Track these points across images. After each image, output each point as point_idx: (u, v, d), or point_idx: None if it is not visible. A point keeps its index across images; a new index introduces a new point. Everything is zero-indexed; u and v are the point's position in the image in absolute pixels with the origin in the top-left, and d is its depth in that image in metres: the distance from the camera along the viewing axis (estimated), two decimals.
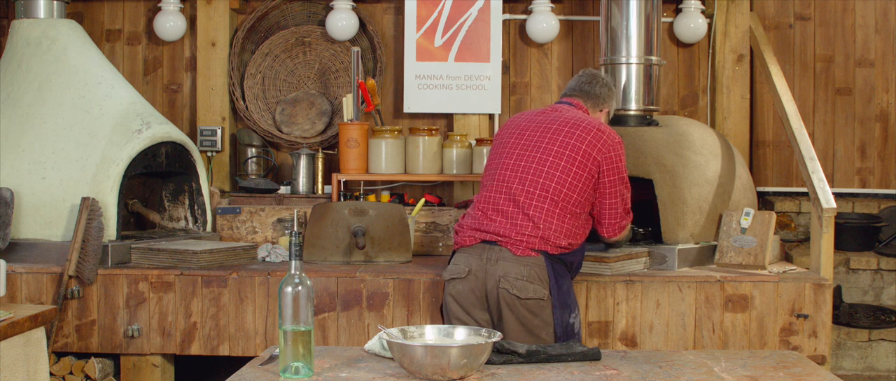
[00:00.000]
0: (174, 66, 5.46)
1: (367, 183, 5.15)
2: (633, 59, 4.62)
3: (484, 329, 2.58)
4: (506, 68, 5.36)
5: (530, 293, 3.39)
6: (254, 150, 5.26)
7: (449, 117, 5.29)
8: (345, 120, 4.94)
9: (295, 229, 4.71)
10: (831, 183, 5.27)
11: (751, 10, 5.24)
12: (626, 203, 3.62)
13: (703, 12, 5.25)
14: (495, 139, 3.71)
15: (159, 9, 5.29)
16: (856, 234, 5.26)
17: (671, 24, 5.30)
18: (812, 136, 5.33)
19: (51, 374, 4.00)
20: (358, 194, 5.00)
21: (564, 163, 3.46)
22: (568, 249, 3.49)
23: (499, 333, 2.53)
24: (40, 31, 4.64)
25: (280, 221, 4.75)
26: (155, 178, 4.81)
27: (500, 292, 3.40)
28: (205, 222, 4.77)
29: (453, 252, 3.61)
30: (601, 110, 3.79)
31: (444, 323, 3.54)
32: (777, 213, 5.01)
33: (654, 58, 4.64)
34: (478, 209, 3.55)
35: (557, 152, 3.48)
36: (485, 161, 4.94)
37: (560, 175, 3.45)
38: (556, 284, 3.44)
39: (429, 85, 5.17)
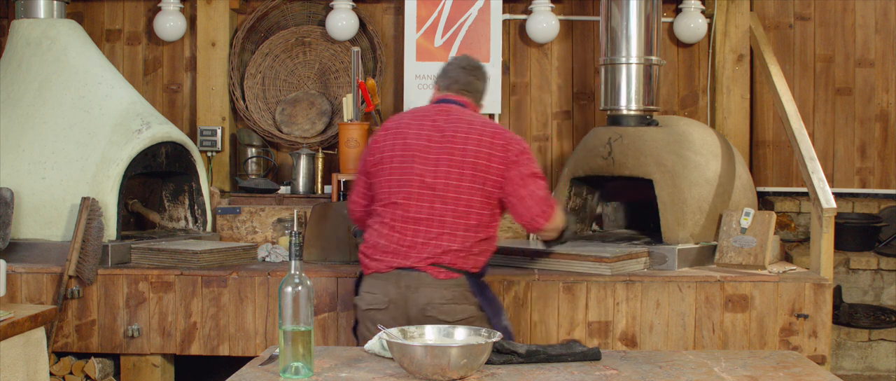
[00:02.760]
0: (174, 66, 5.46)
1: None
2: (633, 59, 4.62)
3: (484, 329, 2.58)
4: (506, 68, 5.36)
5: (460, 314, 3.24)
6: (254, 150, 5.26)
7: None
8: (345, 120, 4.93)
9: (295, 229, 4.71)
10: (831, 183, 5.26)
11: (751, 10, 5.24)
12: (546, 191, 3.40)
13: (703, 12, 5.25)
14: (378, 146, 3.39)
15: (159, 9, 5.29)
16: (856, 234, 5.26)
17: (671, 24, 5.30)
18: (812, 136, 5.33)
19: (51, 374, 4.00)
20: None
21: (470, 171, 3.25)
22: (484, 263, 3.39)
23: (499, 333, 2.53)
24: (40, 31, 4.64)
25: (280, 221, 4.75)
26: (155, 178, 4.81)
27: (427, 321, 3.19)
28: (205, 222, 4.77)
29: (361, 275, 3.40)
30: (480, 105, 3.58)
31: (358, 345, 3.37)
32: (777, 213, 5.01)
33: (654, 58, 4.64)
34: (386, 227, 3.30)
35: (462, 162, 3.26)
36: None
37: (469, 184, 3.25)
38: (483, 297, 3.34)
39: (429, 85, 5.15)
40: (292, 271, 2.45)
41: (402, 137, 3.34)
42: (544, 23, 5.19)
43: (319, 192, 5.10)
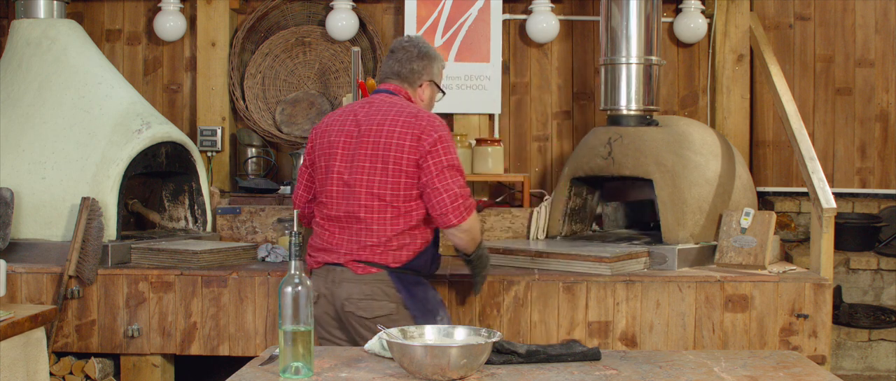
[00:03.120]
0: (174, 66, 5.46)
1: None
2: (633, 59, 4.62)
3: (484, 329, 2.58)
4: (506, 68, 5.36)
5: (377, 311, 3.22)
6: (254, 150, 5.26)
7: (449, 117, 5.29)
8: None
9: (295, 229, 4.70)
10: (831, 183, 5.26)
11: (751, 10, 5.24)
12: (464, 189, 3.24)
13: (703, 12, 5.25)
14: (311, 146, 3.40)
15: (159, 9, 5.29)
16: (856, 234, 5.26)
17: (671, 24, 5.30)
18: (812, 136, 5.33)
19: (51, 374, 4.00)
20: None
21: (382, 164, 3.20)
22: (409, 257, 3.27)
23: (499, 333, 2.52)
24: (40, 31, 4.64)
25: (280, 221, 4.75)
26: (155, 178, 4.81)
27: (347, 315, 3.25)
28: (205, 222, 4.77)
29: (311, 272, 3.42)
30: (421, 86, 3.41)
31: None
32: (777, 213, 5.01)
33: (654, 58, 4.64)
34: (317, 226, 3.35)
35: (374, 155, 3.22)
36: (487, 161, 4.95)
37: (380, 178, 3.21)
38: (408, 294, 3.26)
39: None
40: (292, 271, 2.45)
41: (328, 135, 3.34)
42: (544, 23, 5.19)
43: None
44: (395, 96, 3.36)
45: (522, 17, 5.32)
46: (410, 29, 5.16)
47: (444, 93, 3.52)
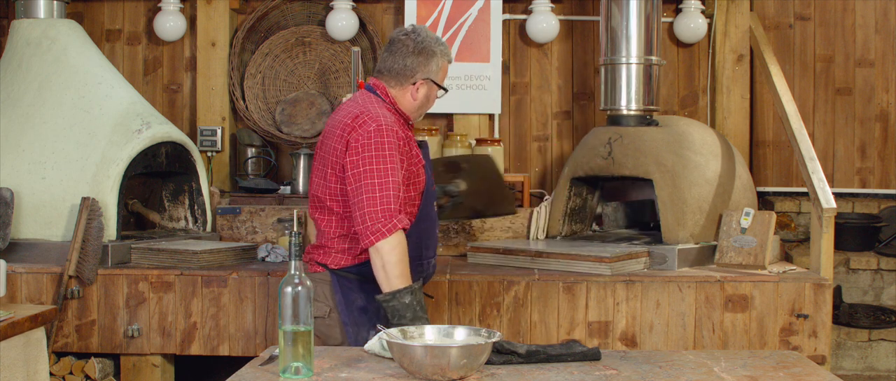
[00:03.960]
0: (174, 66, 5.45)
1: None
2: (633, 59, 4.62)
3: (484, 329, 2.58)
4: (506, 68, 5.36)
5: (315, 312, 2.94)
6: (254, 150, 5.26)
7: (449, 117, 5.29)
8: None
9: (295, 229, 4.71)
10: (831, 183, 5.27)
11: (751, 10, 5.24)
12: (387, 201, 2.89)
13: (703, 12, 5.25)
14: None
15: (159, 9, 5.29)
16: (856, 234, 5.26)
17: (671, 24, 5.30)
18: (812, 136, 5.33)
19: (51, 374, 4.00)
20: None
21: (321, 167, 3.07)
22: (350, 261, 3.07)
23: (499, 333, 2.52)
24: (40, 31, 4.64)
25: (280, 221, 4.75)
26: (155, 178, 4.81)
27: None
28: (205, 222, 4.77)
29: None
30: (414, 84, 3.10)
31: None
32: (777, 213, 5.01)
33: (654, 58, 4.64)
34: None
35: (323, 157, 3.08)
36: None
37: (319, 181, 3.08)
38: (343, 299, 3.06)
39: None
40: (292, 271, 2.45)
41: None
42: (544, 23, 5.19)
43: None
44: (369, 94, 3.11)
45: (522, 17, 5.32)
46: None
47: (444, 90, 3.20)
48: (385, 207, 2.89)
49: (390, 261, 2.89)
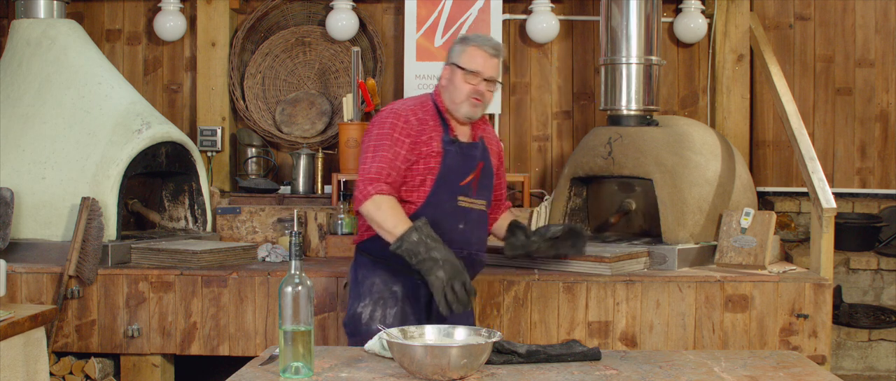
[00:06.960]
0: (174, 66, 5.46)
1: None
2: (633, 59, 4.62)
3: (484, 329, 2.58)
4: (506, 68, 5.36)
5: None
6: (254, 150, 5.26)
7: None
8: (345, 120, 4.93)
9: (295, 229, 4.71)
10: (831, 183, 5.27)
11: (751, 10, 5.24)
12: (370, 172, 3.13)
13: (703, 12, 5.25)
14: None
15: (159, 9, 5.29)
16: (856, 234, 5.25)
17: (671, 24, 5.30)
18: (812, 136, 5.33)
19: (51, 374, 4.00)
20: None
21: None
22: (362, 237, 3.30)
23: (499, 333, 2.53)
24: (40, 31, 4.64)
25: (280, 221, 4.75)
26: (155, 178, 4.81)
27: None
28: (205, 222, 4.77)
29: None
30: (446, 68, 3.36)
31: None
32: (777, 213, 5.01)
33: (654, 58, 4.64)
34: None
35: None
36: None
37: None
38: (354, 274, 3.34)
39: (429, 85, 5.16)
40: (292, 271, 2.45)
41: None
42: (544, 23, 5.19)
43: (319, 192, 5.10)
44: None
45: (522, 17, 5.32)
46: (411, 29, 5.16)
47: (463, 70, 3.26)
48: (367, 176, 3.13)
49: (379, 218, 3.10)
